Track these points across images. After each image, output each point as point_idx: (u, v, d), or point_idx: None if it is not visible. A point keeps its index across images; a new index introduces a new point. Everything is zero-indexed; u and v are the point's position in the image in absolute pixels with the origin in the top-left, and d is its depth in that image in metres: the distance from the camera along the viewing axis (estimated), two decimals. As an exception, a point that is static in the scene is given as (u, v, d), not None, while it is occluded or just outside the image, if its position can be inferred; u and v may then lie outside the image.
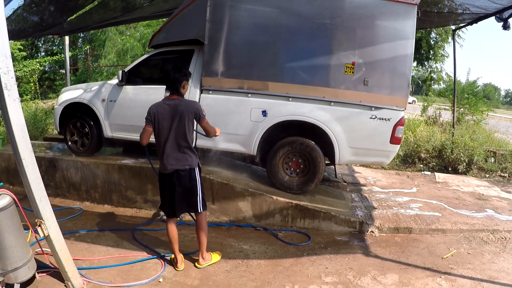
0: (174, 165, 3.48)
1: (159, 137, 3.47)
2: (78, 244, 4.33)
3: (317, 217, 4.64)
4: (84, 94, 5.67)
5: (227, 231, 4.68)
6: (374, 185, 6.49)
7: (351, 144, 4.72)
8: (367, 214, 4.91)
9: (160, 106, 3.45)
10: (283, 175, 4.94)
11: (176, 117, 3.39)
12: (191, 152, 3.52)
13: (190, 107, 3.44)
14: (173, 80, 3.43)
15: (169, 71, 3.45)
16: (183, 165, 3.49)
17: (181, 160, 3.48)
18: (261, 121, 4.76)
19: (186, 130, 3.42)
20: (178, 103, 3.42)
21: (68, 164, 5.72)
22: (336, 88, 4.63)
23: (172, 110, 3.40)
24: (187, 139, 3.46)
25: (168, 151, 3.46)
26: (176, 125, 3.40)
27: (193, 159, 3.53)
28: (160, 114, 3.41)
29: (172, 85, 3.45)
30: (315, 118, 4.66)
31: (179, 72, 3.46)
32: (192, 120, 3.46)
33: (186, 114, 3.39)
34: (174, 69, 3.46)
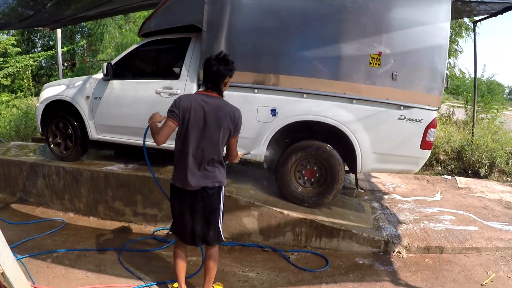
0: (202, 180, 2.61)
1: (184, 141, 2.57)
2: (55, 268, 3.50)
3: (336, 235, 3.75)
4: (66, 91, 4.77)
5: (230, 253, 3.80)
6: (394, 193, 5.59)
7: (375, 149, 3.82)
8: (393, 230, 4.02)
9: (195, 100, 2.55)
10: (296, 186, 4.04)
11: (213, 121, 2.53)
12: (221, 167, 2.70)
13: (235, 115, 2.60)
14: (215, 73, 2.55)
15: (211, 61, 2.57)
16: (213, 181, 2.64)
17: (210, 175, 2.63)
18: (270, 122, 3.87)
19: (220, 142, 2.59)
20: (221, 105, 2.57)
21: (49, 170, 4.86)
22: (360, 83, 3.73)
23: (211, 111, 2.53)
24: (219, 152, 2.63)
25: (193, 163, 2.59)
26: (212, 132, 2.54)
27: (223, 175, 2.71)
28: (194, 111, 2.51)
29: (213, 79, 2.57)
30: (334, 118, 3.76)
31: (225, 64, 2.57)
32: (230, 131, 2.62)
33: (227, 122, 2.55)
34: (218, 59, 2.57)
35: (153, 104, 4.17)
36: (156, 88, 4.14)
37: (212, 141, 2.55)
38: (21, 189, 5.21)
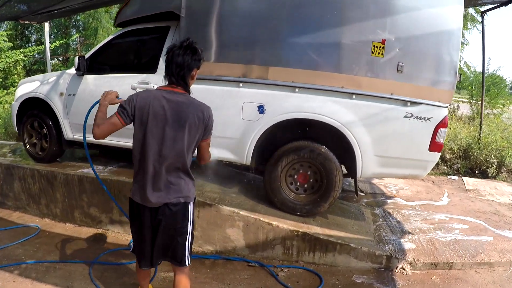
0: (163, 195, 2.09)
1: (143, 148, 2.04)
2: (21, 283, 3.06)
3: (332, 250, 3.19)
4: (40, 87, 4.24)
5: (212, 268, 3.25)
6: (397, 196, 5.01)
7: (378, 152, 3.24)
8: (396, 242, 3.44)
9: (155, 97, 2.03)
10: (287, 193, 3.46)
11: (177, 123, 2.02)
12: (188, 178, 2.15)
13: (204, 114, 2.07)
14: (180, 64, 2.02)
15: (174, 50, 2.03)
16: (177, 196, 2.10)
17: (174, 189, 2.10)
18: (257, 120, 3.29)
19: (186, 146, 2.05)
20: (187, 103, 2.05)
21: (25, 172, 4.36)
22: (360, 76, 3.14)
23: (173, 110, 2.02)
24: (185, 161, 2.08)
25: (154, 174, 2.07)
26: (175, 136, 2.03)
27: (190, 189, 2.16)
28: (154, 111, 2.01)
29: (177, 72, 2.04)
30: (330, 116, 3.17)
31: (192, 53, 2.04)
32: (200, 134, 2.10)
33: (194, 123, 2.04)
34: (184, 47, 2.03)
35: (128, 101, 3.66)
36: (132, 83, 3.60)
37: (175, 147, 2.03)
38: (-1, 193, 4.74)
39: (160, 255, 2.22)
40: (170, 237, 2.15)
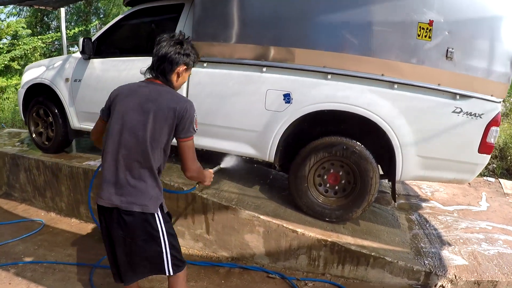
0: (113, 198, 1.74)
1: (107, 139, 1.78)
2: (16, 286, 2.75)
3: (364, 263, 2.68)
4: (46, 73, 3.84)
5: (226, 278, 2.80)
6: (433, 199, 4.43)
7: (421, 152, 2.69)
8: (435, 256, 2.89)
9: (128, 87, 1.84)
10: (315, 195, 2.95)
11: (142, 106, 1.72)
12: (153, 182, 1.77)
13: (178, 107, 1.73)
14: (162, 57, 1.79)
15: (160, 41, 1.82)
16: (131, 202, 1.72)
17: (130, 191, 1.73)
18: (282, 111, 2.78)
19: (150, 136, 1.71)
20: (161, 92, 1.77)
21: (30, 163, 4.01)
22: (403, 62, 2.57)
23: (142, 98, 1.74)
24: (151, 156, 1.72)
25: (112, 163, 1.75)
26: (138, 119, 1.72)
27: (151, 196, 1.76)
28: (121, 99, 1.78)
29: (158, 66, 1.81)
30: (367, 108, 2.63)
31: (179, 46, 1.80)
32: (171, 127, 1.74)
33: (163, 111, 1.72)
34: (170, 38, 1.81)
35: (137, 87, 3.21)
36: (141, 67, 3.15)
37: (138, 139, 1.71)
38: (6, 183, 4.41)
39: (128, 269, 1.87)
40: (135, 249, 1.81)
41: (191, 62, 1.86)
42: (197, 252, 3.12)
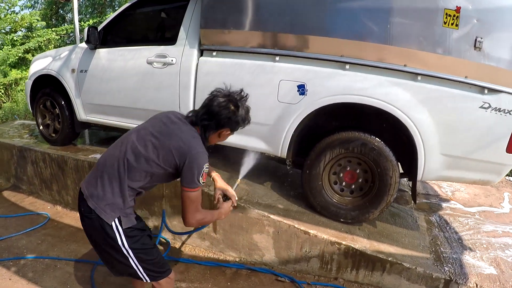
0: (85, 191, 1.72)
1: (119, 141, 1.79)
2: (16, 282, 2.65)
3: (380, 268, 2.46)
4: (52, 64, 3.72)
5: (233, 279, 2.62)
6: (453, 199, 4.16)
7: (445, 150, 2.44)
8: (456, 262, 2.65)
9: (165, 113, 1.87)
10: (330, 194, 2.73)
11: (155, 140, 1.68)
12: (119, 198, 1.68)
13: (182, 150, 1.65)
14: (211, 114, 1.72)
15: (216, 94, 1.75)
16: (95, 202, 1.67)
17: (98, 192, 1.68)
18: (296, 103, 2.56)
19: (144, 158, 1.66)
20: (183, 130, 1.71)
21: (36, 156, 3.91)
22: (428, 51, 2.33)
23: (164, 127, 1.72)
24: (136, 178, 1.68)
25: (101, 166, 1.74)
26: (143, 149, 1.67)
27: (112, 203, 1.67)
28: (152, 120, 1.84)
29: (203, 118, 1.73)
30: (388, 101, 2.39)
31: (232, 109, 1.73)
32: (169, 166, 1.68)
33: (168, 147, 1.66)
34: (227, 96, 1.74)
35: (143, 77, 3.03)
36: (148, 57, 2.98)
37: (137, 161, 1.66)
38: (14, 175, 4.33)
39: (107, 266, 1.88)
40: (101, 254, 1.79)
41: (239, 129, 1.80)
42: (204, 251, 2.96)
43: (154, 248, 1.81)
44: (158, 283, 1.84)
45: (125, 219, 1.68)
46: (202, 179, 1.67)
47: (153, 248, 1.80)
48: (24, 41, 8.87)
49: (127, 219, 1.69)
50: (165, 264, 1.86)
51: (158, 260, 1.81)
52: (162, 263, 1.84)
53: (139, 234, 1.74)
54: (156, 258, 1.80)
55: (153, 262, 1.78)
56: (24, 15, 9.32)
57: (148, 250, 1.76)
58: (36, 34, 9.00)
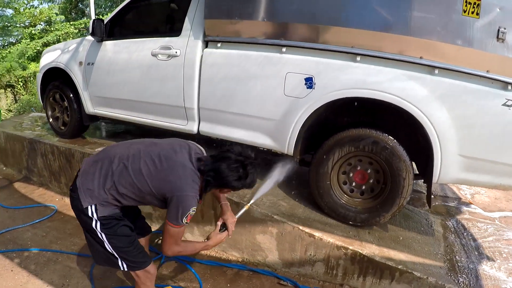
0: (82, 168, 1.82)
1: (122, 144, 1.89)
2: (17, 274, 2.65)
3: (388, 276, 2.27)
4: (61, 56, 3.68)
5: (233, 281, 2.49)
6: (472, 203, 3.90)
7: (464, 151, 2.22)
8: (472, 272, 2.43)
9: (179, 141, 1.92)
10: (338, 194, 2.56)
11: (158, 163, 1.73)
12: (103, 190, 1.72)
13: (179, 189, 1.69)
14: (217, 172, 1.72)
15: (226, 152, 1.78)
16: (80, 183, 1.76)
17: (88, 176, 1.75)
18: (304, 97, 2.40)
19: (135, 182, 1.71)
20: (184, 169, 1.73)
21: (45, 148, 3.90)
22: (446, 42, 2.12)
23: (173, 155, 1.76)
24: (124, 184, 1.72)
25: (104, 154, 1.82)
26: (144, 164, 1.72)
27: (91, 190, 1.72)
28: (168, 142, 1.88)
29: (208, 174, 1.74)
30: (402, 96, 2.20)
31: (240, 171, 1.74)
32: (161, 196, 1.73)
33: (164, 182, 1.71)
34: (235, 156, 1.76)
35: (148, 70, 2.94)
36: (153, 49, 2.89)
37: (133, 169, 1.72)
38: (25, 167, 4.35)
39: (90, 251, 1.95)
40: (86, 238, 1.86)
41: (239, 188, 1.80)
42: (207, 251, 2.84)
43: (130, 237, 1.83)
44: (136, 274, 1.88)
45: (102, 208, 1.72)
46: (186, 219, 1.70)
47: (128, 236, 1.82)
48: (42, 35, 9.00)
49: (103, 209, 1.73)
50: (144, 257, 1.88)
51: (134, 250, 1.84)
52: (139, 254, 1.86)
53: (114, 222, 1.77)
54: (131, 247, 1.82)
55: (127, 251, 1.81)
56: (42, 9, 9.46)
57: (122, 238, 1.79)
58: (55, 28, 9.10)
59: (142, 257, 1.87)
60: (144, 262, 1.88)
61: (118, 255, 1.81)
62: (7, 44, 8.82)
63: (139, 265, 1.86)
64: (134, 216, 2.07)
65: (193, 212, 1.71)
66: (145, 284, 1.92)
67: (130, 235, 1.83)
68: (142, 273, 1.88)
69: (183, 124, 2.95)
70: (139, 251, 1.86)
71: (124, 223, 1.82)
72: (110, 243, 1.78)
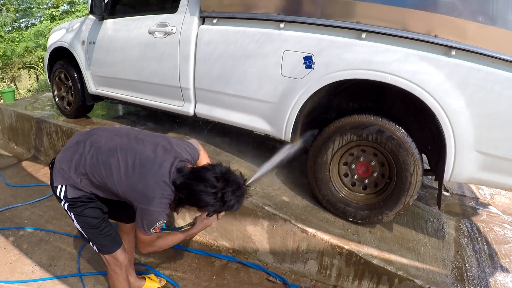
0: (68, 144, 1.71)
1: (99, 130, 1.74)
2: (10, 252, 2.65)
3: (386, 282, 2.02)
4: (65, 36, 3.61)
5: (219, 273, 2.32)
6: (491, 204, 3.53)
7: (482, 146, 1.90)
8: (481, 283, 2.13)
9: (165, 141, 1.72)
10: (338, 187, 2.32)
11: (131, 167, 1.53)
12: (75, 173, 1.60)
13: (147, 202, 1.51)
14: (191, 193, 1.50)
15: (206, 171, 1.54)
16: (57, 160, 1.67)
17: (68, 154, 1.65)
18: (302, 77, 2.15)
19: (105, 178, 1.56)
20: (156, 181, 1.51)
21: (50, 128, 3.87)
22: (465, 19, 1.81)
23: (150, 160, 1.55)
24: (94, 174, 1.57)
25: (87, 136, 1.69)
26: (115, 162, 1.55)
27: (63, 171, 1.61)
28: (152, 141, 1.66)
29: (181, 188, 1.52)
30: (413, 80, 1.90)
31: (218, 195, 1.51)
32: (127, 200, 1.59)
33: (131, 190, 1.53)
34: (216, 176, 1.51)
35: (145, 48, 2.79)
36: (150, 26, 2.71)
37: (105, 164, 1.56)
38: (33, 146, 4.36)
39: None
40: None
41: (221, 212, 1.67)
42: (198, 238, 2.69)
43: (98, 219, 1.71)
44: (105, 258, 1.81)
45: (72, 190, 1.64)
46: (154, 230, 1.56)
47: (95, 218, 1.71)
48: (64, 16, 9.03)
49: (72, 191, 1.64)
50: (111, 241, 1.77)
51: (101, 232, 1.73)
52: (106, 238, 1.75)
53: (80, 203, 1.67)
54: (98, 230, 1.72)
55: (93, 232, 1.72)
56: (65, -11, 9.48)
57: (88, 219, 1.69)
58: (75, 9, 9.12)
59: (109, 241, 1.75)
60: (111, 247, 1.77)
61: (86, 235, 1.74)
62: (30, 25, 8.93)
63: (107, 248, 1.77)
64: (121, 201, 1.93)
65: (160, 225, 1.55)
66: (114, 271, 1.81)
67: (98, 217, 1.70)
68: (110, 258, 1.79)
69: (179, 105, 2.79)
70: (106, 234, 1.73)
71: (93, 205, 1.69)
72: (78, 222, 1.70)
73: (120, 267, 1.80)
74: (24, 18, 8.85)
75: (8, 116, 4.74)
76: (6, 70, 8.37)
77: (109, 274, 1.87)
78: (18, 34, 8.46)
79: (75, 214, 1.67)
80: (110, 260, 1.79)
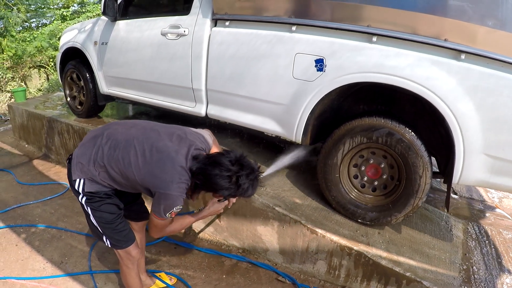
0: (86, 138, 1.75)
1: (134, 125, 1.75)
2: (21, 249, 2.69)
3: (394, 283, 2.04)
4: (78, 36, 3.67)
5: (230, 273, 2.35)
6: (499, 207, 3.52)
7: (491, 150, 1.92)
8: (489, 285, 2.15)
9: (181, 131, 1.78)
10: (347, 188, 2.34)
11: (149, 155, 1.59)
12: (93, 167, 1.63)
13: (165, 187, 1.55)
14: (208, 178, 1.55)
15: (222, 157, 1.58)
16: (75, 154, 1.70)
17: (86, 148, 1.68)
18: (314, 80, 2.17)
19: (123, 169, 1.60)
20: (174, 166, 1.56)
21: (61, 127, 3.93)
22: (475, 23, 1.82)
23: (169, 147, 1.60)
24: (113, 166, 1.61)
25: (103, 130, 1.73)
26: (133, 153, 1.59)
27: (82, 164, 1.65)
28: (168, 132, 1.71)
29: (197, 177, 1.58)
30: (423, 84, 1.92)
31: (233, 179, 1.56)
32: (145, 188, 1.63)
33: (150, 176, 1.58)
34: (231, 161, 1.57)
35: (157, 49, 2.83)
36: (162, 28, 2.76)
37: (124, 156, 1.60)
38: (44, 145, 4.43)
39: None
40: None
41: (228, 196, 1.68)
42: (208, 237, 2.73)
43: (114, 215, 1.75)
44: (118, 253, 1.85)
45: (89, 183, 1.66)
46: (170, 215, 1.61)
47: (112, 214, 1.74)
48: (74, 16, 9.13)
49: (91, 184, 1.67)
50: (125, 237, 1.81)
51: (116, 228, 1.77)
52: (121, 233, 1.79)
53: (98, 198, 1.70)
54: (113, 225, 1.76)
55: (109, 227, 1.75)
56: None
57: (105, 214, 1.72)
58: (86, 9, 9.22)
59: (124, 236, 1.80)
60: (125, 242, 1.81)
61: (101, 230, 1.77)
62: (41, 25, 9.04)
63: (121, 244, 1.81)
64: (132, 198, 1.98)
65: (177, 209, 1.60)
66: (127, 266, 1.86)
67: (114, 212, 1.75)
68: (123, 253, 1.83)
69: (191, 106, 2.83)
70: (120, 230, 1.78)
71: (110, 201, 1.74)
72: (94, 217, 1.73)
73: (133, 262, 1.86)
74: (35, 18, 8.98)
75: (19, 115, 4.82)
76: (17, 69, 8.50)
77: (122, 269, 1.92)
78: (29, 34, 8.60)
79: (92, 209, 1.71)
80: (123, 255, 1.83)
